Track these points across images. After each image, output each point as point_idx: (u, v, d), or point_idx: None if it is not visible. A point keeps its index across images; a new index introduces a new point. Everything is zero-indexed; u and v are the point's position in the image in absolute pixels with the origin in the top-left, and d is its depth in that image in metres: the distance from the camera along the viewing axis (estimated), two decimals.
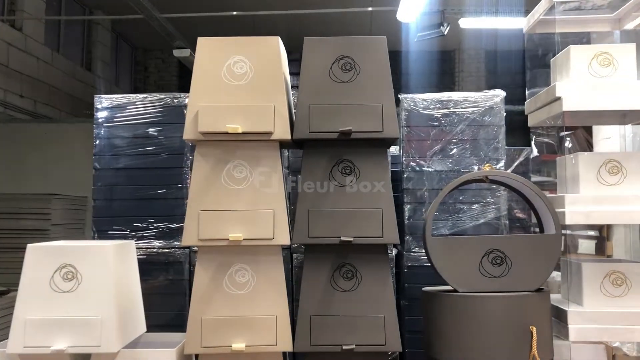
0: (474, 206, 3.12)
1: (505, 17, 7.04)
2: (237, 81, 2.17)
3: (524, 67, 3.06)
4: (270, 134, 2.13)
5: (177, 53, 7.06)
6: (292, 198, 2.83)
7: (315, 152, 2.20)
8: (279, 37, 2.19)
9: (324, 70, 2.18)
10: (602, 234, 6.40)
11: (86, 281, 2.11)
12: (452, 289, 2.19)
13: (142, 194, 3.12)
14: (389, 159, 2.69)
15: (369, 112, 2.13)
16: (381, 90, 2.15)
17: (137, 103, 3.18)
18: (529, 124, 2.68)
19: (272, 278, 2.15)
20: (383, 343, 2.09)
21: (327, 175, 2.18)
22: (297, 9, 6.97)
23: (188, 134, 2.16)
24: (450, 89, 9.84)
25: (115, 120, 3.17)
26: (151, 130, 3.14)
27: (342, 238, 2.10)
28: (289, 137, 2.14)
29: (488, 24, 7.50)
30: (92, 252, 2.14)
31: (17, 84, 6.92)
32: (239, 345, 2.08)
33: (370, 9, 6.82)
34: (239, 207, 2.14)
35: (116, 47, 10.12)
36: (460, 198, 3.14)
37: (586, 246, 6.28)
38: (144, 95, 3.20)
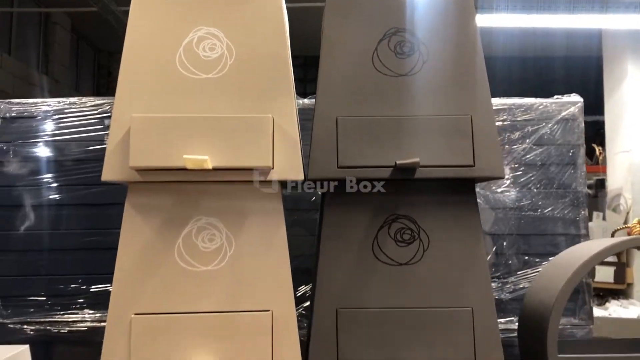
0: (548, 259, 2.18)
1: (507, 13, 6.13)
2: (205, 73, 1.17)
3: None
4: (267, 170, 1.13)
5: None
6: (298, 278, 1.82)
7: (347, 203, 1.21)
8: None
9: (363, 55, 1.20)
10: (621, 260, 5.67)
11: None
12: None
13: (67, 243, 2.10)
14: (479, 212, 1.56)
15: (447, 130, 1.15)
16: (468, 88, 1.18)
17: (65, 111, 2.16)
18: None
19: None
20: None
21: (370, 245, 1.19)
22: None
23: (110, 171, 1.14)
24: None
25: (30, 135, 2.14)
26: (82, 151, 2.12)
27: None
28: (300, 176, 1.15)
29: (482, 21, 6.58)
30: None
31: None
32: None
33: None
34: (207, 307, 1.14)
35: (77, 49, 9.21)
36: (525, 247, 2.20)
37: (604, 273, 5.60)
38: (73, 100, 2.18)
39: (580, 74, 7.82)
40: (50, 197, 2.12)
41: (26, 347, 1.50)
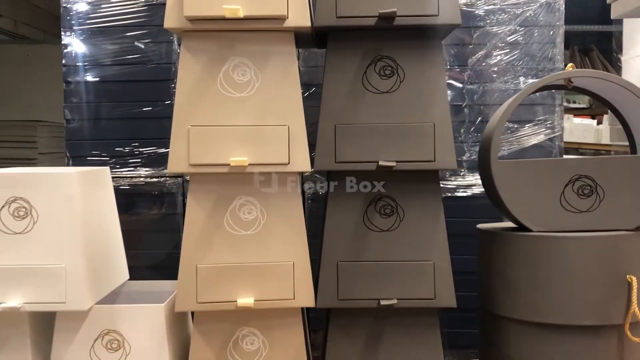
0: (519, 125, 2.57)
1: None
2: None
3: None
4: (283, 19, 1.54)
5: None
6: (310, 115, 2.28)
7: (344, 47, 1.62)
8: None
9: None
10: None
11: (44, 219, 1.61)
12: (516, 226, 1.70)
13: (123, 113, 2.57)
14: (444, 55, 1.93)
15: None
16: None
17: (112, 1, 2.56)
18: (612, 16, 2.08)
19: (287, 213, 1.63)
20: (432, 297, 1.61)
21: (360, 78, 1.61)
22: None
23: (170, 20, 1.57)
24: None
25: (86, 23, 2.56)
26: (129, 35, 2.54)
27: (381, 162, 1.57)
28: (308, 23, 1.56)
29: None
30: (49, 182, 1.62)
31: None
32: (245, 301, 1.60)
33: None
34: (242, 122, 1.60)
35: None
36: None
37: None
38: None
39: None
40: (107, 74, 2.56)
41: (107, 168, 2.00)
